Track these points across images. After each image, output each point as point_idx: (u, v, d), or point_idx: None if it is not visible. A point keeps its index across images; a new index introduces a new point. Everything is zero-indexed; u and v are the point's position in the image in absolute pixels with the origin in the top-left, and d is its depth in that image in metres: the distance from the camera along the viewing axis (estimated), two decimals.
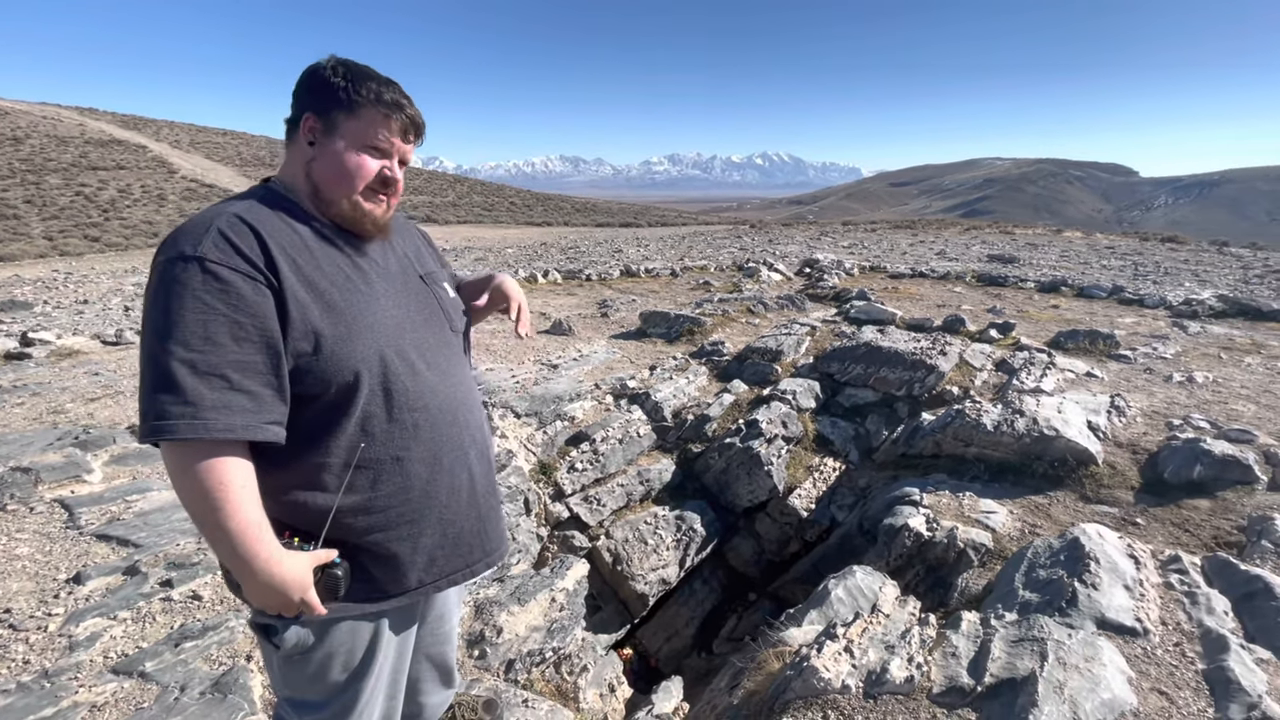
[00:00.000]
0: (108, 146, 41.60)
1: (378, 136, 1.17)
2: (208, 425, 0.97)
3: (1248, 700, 1.75)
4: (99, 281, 14.85)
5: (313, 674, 1.21)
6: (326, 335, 1.09)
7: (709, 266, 11.88)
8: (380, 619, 1.25)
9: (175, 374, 0.96)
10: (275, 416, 1.05)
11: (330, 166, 1.16)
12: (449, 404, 1.26)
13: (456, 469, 1.28)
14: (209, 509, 0.98)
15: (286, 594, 1.04)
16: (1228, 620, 2.16)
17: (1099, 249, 16.47)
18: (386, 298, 1.22)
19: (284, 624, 1.12)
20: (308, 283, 1.10)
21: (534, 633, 2.44)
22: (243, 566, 1.01)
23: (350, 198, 1.18)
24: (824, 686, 1.95)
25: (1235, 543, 2.74)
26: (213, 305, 0.99)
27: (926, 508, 3.29)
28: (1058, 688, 1.80)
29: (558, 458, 4.15)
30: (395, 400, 1.17)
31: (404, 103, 1.20)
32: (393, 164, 1.21)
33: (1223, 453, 3.17)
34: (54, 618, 2.29)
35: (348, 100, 1.14)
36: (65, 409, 4.22)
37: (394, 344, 1.18)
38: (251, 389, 1.02)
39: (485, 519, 1.36)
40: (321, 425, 1.12)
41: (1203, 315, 6.68)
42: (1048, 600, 2.29)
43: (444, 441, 1.25)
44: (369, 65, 1.20)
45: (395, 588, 1.22)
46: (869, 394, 4.97)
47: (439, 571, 1.28)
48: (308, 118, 1.16)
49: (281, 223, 1.13)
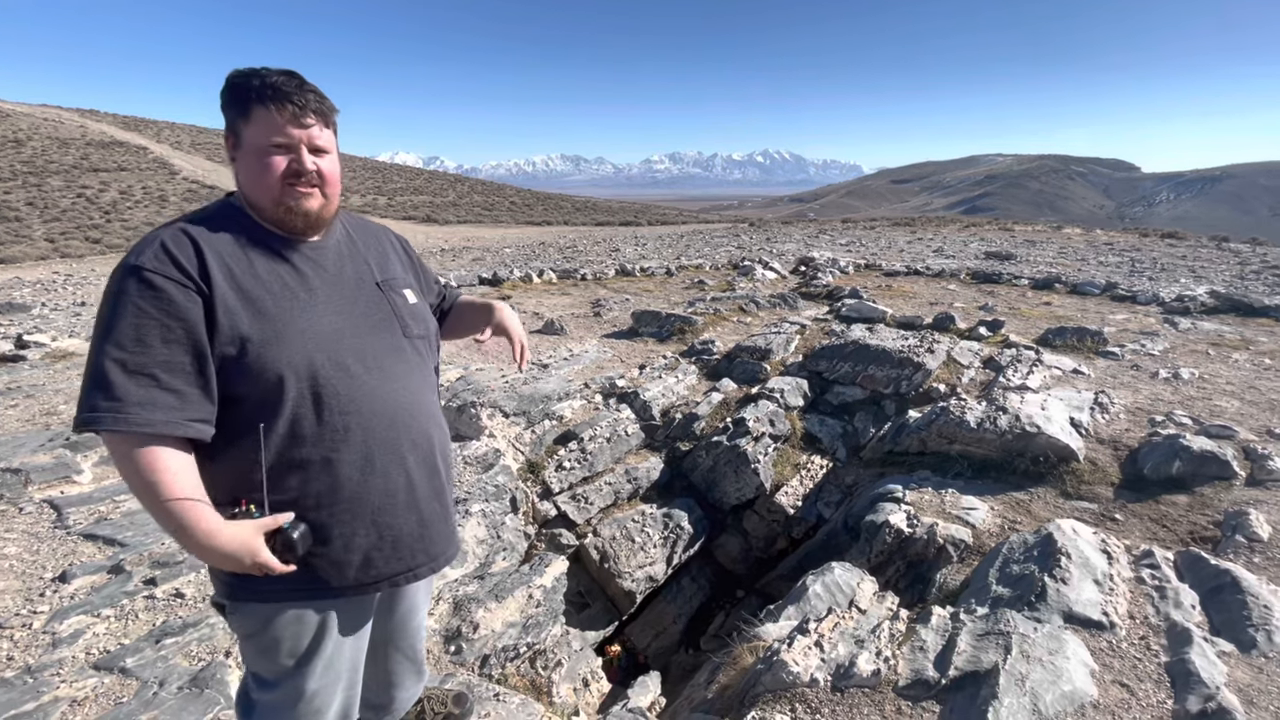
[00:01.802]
0: (109, 148, 41.75)
1: (272, 133, 1.17)
2: (129, 420, 1.04)
3: (1205, 692, 1.78)
4: (98, 284, 14.93)
5: (263, 654, 1.28)
6: (253, 340, 1.14)
7: (704, 265, 11.90)
8: (328, 611, 1.29)
9: (108, 372, 1.05)
10: (201, 415, 1.11)
11: (246, 176, 1.21)
12: (387, 408, 1.28)
13: (392, 472, 1.30)
14: (146, 491, 1.07)
15: (236, 559, 1.11)
16: (1194, 614, 2.18)
17: (1097, 245, 16.45)
18: (328, 304, 1.25)
19: (232, 604, 1.22)
20: (240, 290, 1.15)
21: (510, 628, 2.47)
22: (185, 539, 1.09)
23: (271, 199, 1.21)
24: (792, 680, 1.98)
25: (1211, 538, 2.76)
26: (146, 310, 1.07)
27: (908, 504, 3.31)
28: (1019, 680, 1.82)
29: (546, 456, 4.18)
30: (325, 403, 1.20)
31: (288, 89, 1.17)
32: (300, 155, 1.20)
33: (1201, 449, 3.19)
34: (39, 615, 2.33)
35: (239, 106, 1.18)
36: (58, 410, 4.26)
37: (328, 349, 1.21)
38: (178, 388, 1.09)
39: (427, 523, 1.38)
40: (251, 425, 1.16)
41: (1194, 312, 6.69)
42: (1018, 595, 2.31)
43: (377, 444, 1.27)
44: (265, 64, 1.22)
45: (335, 581, 1.26)
46: (857, 392, 4.99)
47: (377, 573, 1.30)
48: (226, 136, 1.22)
49: (228, 234, 1.18)
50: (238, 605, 1.22)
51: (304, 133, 1.20)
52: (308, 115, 1.19)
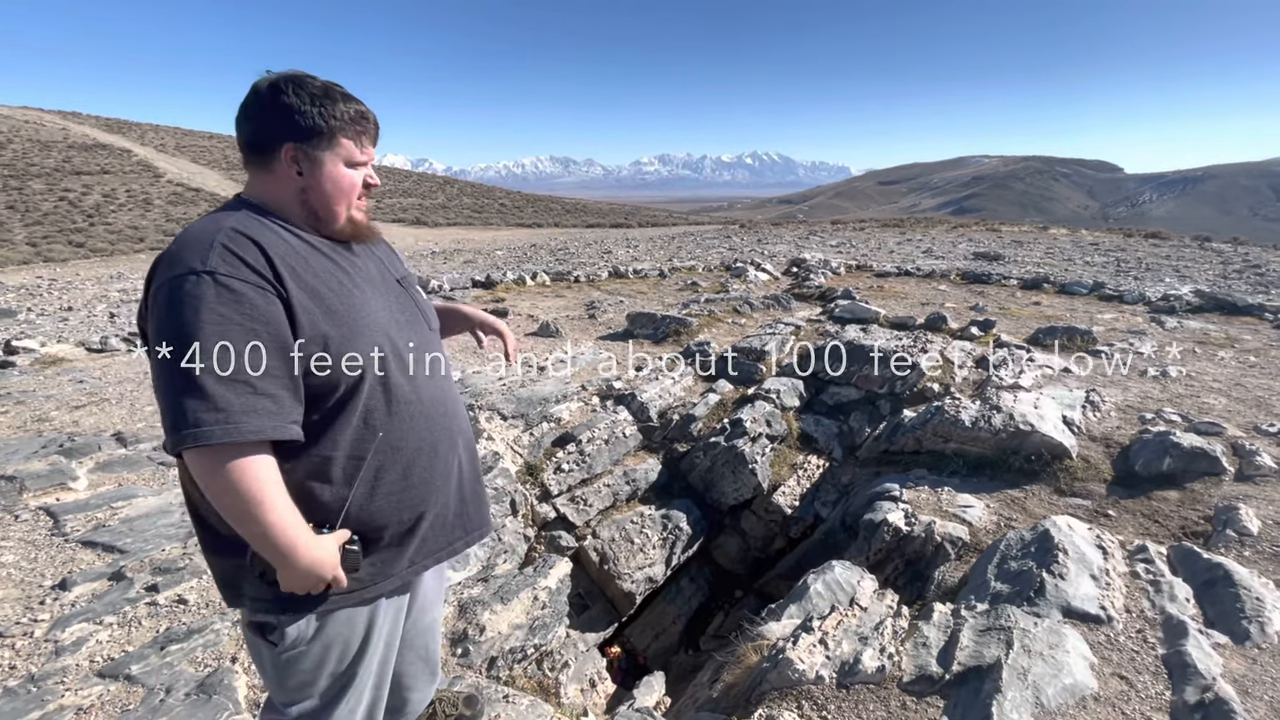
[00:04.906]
0: (92, 151, 41.21)
1: (358, 154, 1.26)
2: (240, 429, 1.03)
3: (1202, 683, 1.82)
4: (84, 288, 14.73)
5: (310, 667, 1.27)
6: (333, 337, 1.16)
7: (697, 267, 11.94)
8: (375, 604, 1.31)
9: (202, 383, 1.01)
10: (295, 417, 1.12)
11: (327, 192, 1.24)
12: (439, 397, 1.35)
13: (450, 457, 1.37)
14: (250, 506, 1.04)
15: (322, 574, 1.13)
16: (1189, 607, 2.23)
17: (1083, 246, 16.66)
18: (376, 300, 1.29)
19: (283, 620, 1.20)
20: (309, 290, 1.16)
21: (516, 630, 2.48)
22: (285, 555, 1.08)
23: (348, 214, 1.28)
24: (798, 677, 2.01)
25: (1202, 532, 2.82)
26: (229, 316, 1.05)
27: (906, 503, 3.36)
28: (1021, 674, 1.86)
29: (544, 459, 4.19)
30: (393, 395, 1.25)
31: (366, 112, 1.26)
32: (371, 170, 1.31)
33: (1191, 445, 3.25)
34: (40, 623, 2.31)
35: (325, 126, 1.20)
36: (50, 417, 4.22)
37: (388, 342, 1.25)
38: (272, 392, 1.08)
39: (468, 501, 1.46)
40: (329, 422, 1.18)
41: (1180, 310, 6.80)
42: (1017, 590, 2.35)
43: (439, 431, 1.34)
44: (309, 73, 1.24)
45: (390, 569, 1.29)
46: (852, 392, 5.04)
47: (426, 551, 1.37)
48: (288, 148, 1.20)
49: (274, 234, 1.18)
50: (290, 618, 1.20)
51: (373, 152, 1.31)
52: (377, 134, 1.30)
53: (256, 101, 1.19)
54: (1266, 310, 6.55)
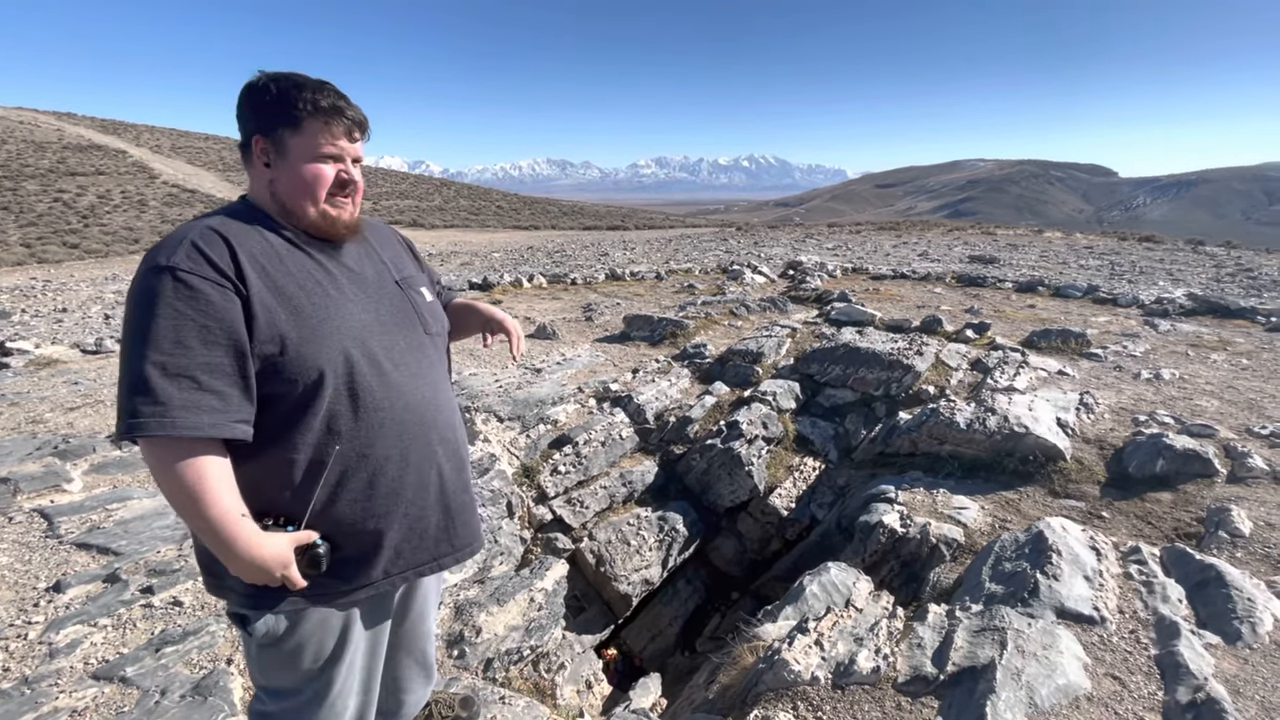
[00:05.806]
0: (87, 152, 41.07)
1: (326, 144, 1.23)
2: (175, 423, 1.03)
3: (1194, 683, 1.84)
4: (78, 289, 14.67)
5: (285, 662, 1.27)
6: (291, 338, 1.15)
7: (694, 269, 11.96)
8: (351, 609, 1.30)
9: (148, 376, 1.03)
10: (243, 415, 1.11)
11: (291, 183, 1.22)
12: (416, 404, 1.31)
13: (424, 467, 1.33)
14: (189, 500, 1.06)
15: (268, 572, 1.12)
16: (1181, 608, 2.25)
17: (1077, 249, 16.75)
18: (356, 302, 1.27)
19: (256, 613, 1.20)
20: (275, 288, 1.15)
21: (512, 632, 2.48)
22: (225, 551, 1.09)
23: (316, 208, 1.24)
24: (794, 678, 2.01)
25: (1194, 534, 2.84)
26: (183, 311, 1.06)
27: (901, 505, 3.37)
28: (1015, 674, 1.87)
29: (540, 461, 4.19)
30: (361, 400, 1.22)
31: (342, 105, 1.24)
32: (347, 166, 1.27)
33: (1184, 447, 3.28)
34: (34, 626, 2.30)
35: (289, 116, 1.19)
36: (44, 418, 4.20)
37: (360, 346, 1.23)
38: (219, 389, 1.08)
39: (453, 515, 1.41)
40: (289, 424, 1.17)
41: (1173, 313, 6.85)
42: (1012, 591, 2.37)
43: (411, 440, 1.30)
44: (299, 72, 1.24)
45: (362, 578, 1.27)
46: (848, 394, 5.05)
47: (404, 564, 1.33)
48: (257, 140, 1.22)
49: (255, 233, 1.19)
50: (260, 612, 1.21)
51: (353, 147, 1.27)
52: (356, 129, 1.26)
53: (238, 102, 1.23)
54: (1259, 313, 6.60)
